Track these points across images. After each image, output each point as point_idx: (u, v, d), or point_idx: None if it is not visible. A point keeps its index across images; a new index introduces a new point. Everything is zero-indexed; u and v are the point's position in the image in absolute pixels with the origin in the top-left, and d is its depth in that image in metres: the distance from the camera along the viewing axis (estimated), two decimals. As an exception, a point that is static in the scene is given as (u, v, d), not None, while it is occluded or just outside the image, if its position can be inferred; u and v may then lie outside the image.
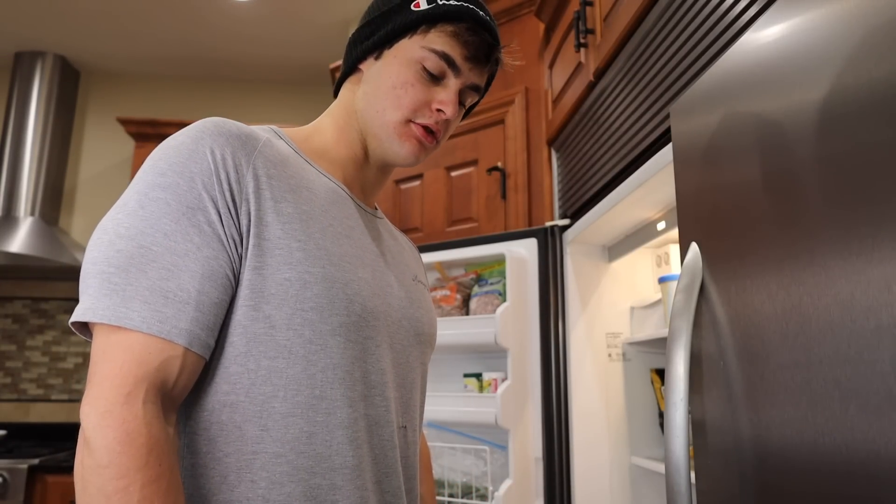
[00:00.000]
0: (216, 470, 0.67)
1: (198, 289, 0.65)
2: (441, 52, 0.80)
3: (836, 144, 0.53)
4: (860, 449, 0.49)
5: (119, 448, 0.58)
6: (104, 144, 3.58)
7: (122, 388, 0.60)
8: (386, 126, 0.82)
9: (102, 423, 0.59)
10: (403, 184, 2.34)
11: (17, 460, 2.57)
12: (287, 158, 0.77)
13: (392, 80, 0.81)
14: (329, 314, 0.71)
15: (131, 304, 0.62)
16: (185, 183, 0.67)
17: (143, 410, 0.60)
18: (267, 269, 0.69)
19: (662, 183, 1.26)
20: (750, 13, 0.91)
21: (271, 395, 0.68)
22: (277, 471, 0.67)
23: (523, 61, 2.10)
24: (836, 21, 0.54)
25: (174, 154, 0.68)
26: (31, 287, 3.37)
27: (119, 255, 0.64)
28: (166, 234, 0.65)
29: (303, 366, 0.69)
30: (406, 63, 0.81)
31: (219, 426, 0.68)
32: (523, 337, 1.79)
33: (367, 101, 0.83)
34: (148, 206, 0.66)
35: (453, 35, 0.81)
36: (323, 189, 0.79)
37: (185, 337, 0.63)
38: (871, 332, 0.48)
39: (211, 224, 0.67)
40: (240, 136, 0.72)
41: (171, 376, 0.63)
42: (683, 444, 0.68)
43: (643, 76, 1.29)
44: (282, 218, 0.71)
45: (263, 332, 0.68)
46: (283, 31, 3.24)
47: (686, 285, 0.74)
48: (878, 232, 0.48)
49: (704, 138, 0.77)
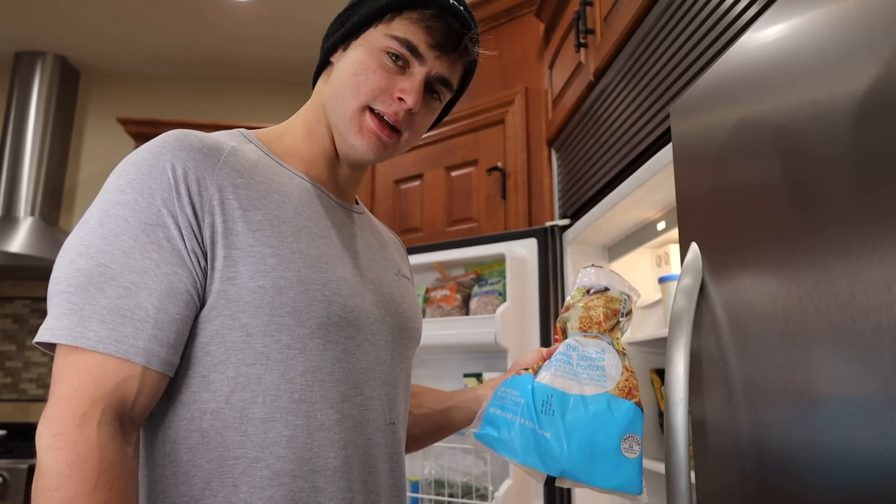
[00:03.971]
0: (199, 476, 0.67)
1: (156, 306, 0.64)
2: (403, 39, 0.76)
3: (836, 144, 0.53)
4: (860, 449, 0.49)
5: (69, 471, 0.58)
6: (104, 144, 3.58)
7: (78, 410, 0.60)
8: (343, 115, 0.78)
9: (54, 446, 0.58)
10: (403, 184, 2.34)
11: (17, 460, 2.57)
12: (255, 164, 0.75)
13: (353, 67, 0.78)
14: (307, 317, 0.71)
15: (88, 323, 0.62)
16: (143, 199, 0.66)
17: (97, 433, 0.60)
18: (240, 279, 0.68)
19: (662, 183, 1.26)
20: (750, 13, 0.91)
21: (250, 401, 0.68)
22: (258, 475, 0.67)
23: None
24: (836, 21, 0.54)
25: (134, 170, 0.68)
26: (31, 287, 3.37)
27: (78, 274, 0.63)
28: (125, 251, 0.64)
29: (280, 371, 0.69)
30: (369, 51, 0.78)
31: (200, 433, 0.67)
32: (523, 337, 1.79)
33: (331, 91, 0.80)
34: (107, 223, 0.65)
35: (417, 21, 0.77)
36: (296, 190, 0.78)
37: (143, 356, 0.63)
38: (871, 332, 0.48)
39: (170, 240, 0.66)
40: (202, 149, 0.71)
41: (130, 396, 0.63)
42: (683, 444, 0.68)
43: (643, 76, 1.29)
44: (252, 226, 0.70)
45: (241, 341, 0.68)
46: (282, 31, 3.24)
47: (686, 285, 0.74)
48: (878, 232, 0.48)
49: (704, 138, 0.77)
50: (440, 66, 0.79)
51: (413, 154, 2.31)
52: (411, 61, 0.78)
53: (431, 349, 1.99)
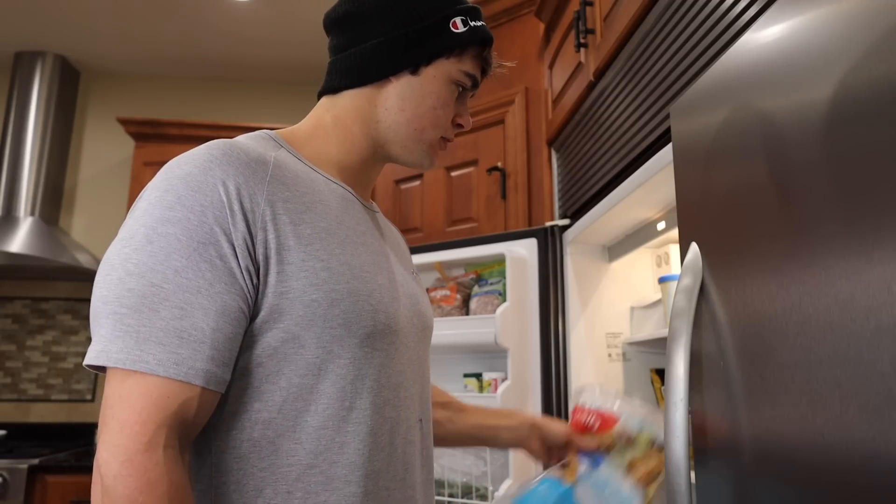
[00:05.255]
0: (250, 485, 0.68)
1: (212, 326, 0.64)
2: (473, 76, 0.85)
3: (836, 144, 0.53)
4: (860, 449, 0.49)
5: (141, 498, 0.59)
6: (104, 144, 3.58)
7: (143, 436, 0.60)
8: (423, 142, 0.85)
9: (123, 472, 0.59)
10: (403, 184, 2.34)
11: (17, 460, 2.56)
12: (298, 175, 0.76)
13: (433, 100, 0.83)
14: (356, 327, 0.72)
15: (146, 346, 0.61)
16: (195, 217, 0.65)
17: (164, 457, 0.60)
18: (293, 293, 0.69)
19: (662, 183, 1.26)
20: (750, 13, 0.90)
21: (303, 410, 0.69)
22: (313, 481, 0.69)
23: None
24: (836, 21, 0.54)
25: (182, 186, 0.66)
26: (31, 287, 3.37)
27: (130, 295, 0.62)
28: (177, 270, 0.64)
29: (332, 380, 0.70)
30: (445, 84, 0.84)
31: (251, 443, 0.68)
32: (523, 337, 1.79)
33: (401, 115, 0.83)
34: (157, 241, 0.64)
35: (479, 58, 0.86)
36: (334, 198, 0.78)
37: (202, 377, 0.63)
38: (871, 332, 0.48)
39: (223, 258, 0.66)
40: (249, 164, 0.70)
41: (189, 416, 0.64)
42: (683, 444, 0.68)
43: (643, 76, 1.29)
44: (302, 241, 0.71)
45: (293, 352, 0.69)
46: (283, 31, 3.24)
47: (686, 285, 0.74)
48: (878, 232, 0.48)
49: (704, 138, 0.77)
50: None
51: (413, 154, 2.31)
52: (469, 90, 0.88)
53: (431, 349, 1.98)
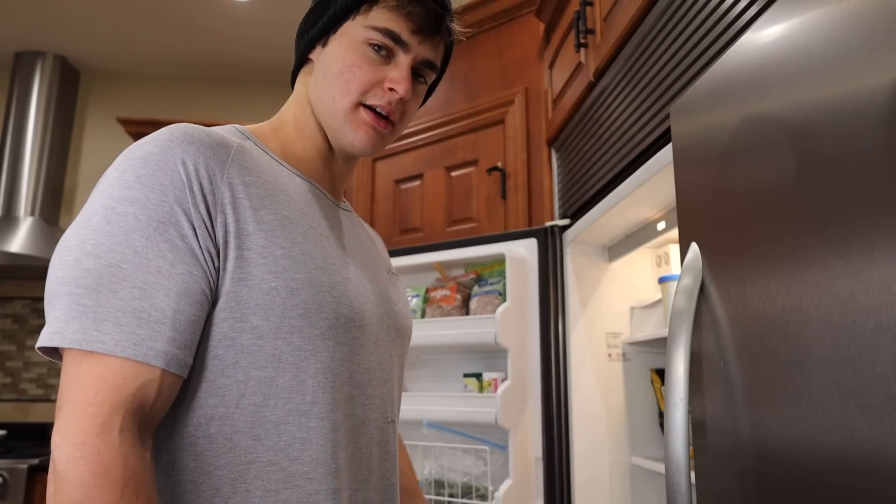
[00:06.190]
0: (207, 484, 0.65)
1: (173, 307, 0.62)
2: (385, 29, 0.76)
3: (836, 144, 0.53)
4: (860, 449, 0.49)
5: (94, 482, 0.55)
6: (104, 144, 3.58)
7: (97, 418, 0.57)
8: (337, 114, 0.78)
9: (76, 456, 0.56)
10: (403, 184, 2.34)
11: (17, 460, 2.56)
12: (261, 164, 0.74)
13: (339, 65, 0.77)
14: (317, 319, 0.70)
15: (103, 326, 0.59)
16: (154, 196, 0.63)
17: (119, 440, 0.57)
18: (252, 280, 0.67)
19: (662, 183, 1.26)
20: (750, 13, 0.90)
21: (262, 405, 0.67)
22: (272, 479, 0.66)
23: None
24: (836, 21, 0.54)
25: (141, 165, 0.64)
26: (31, 287, 3.37)
27: (87, 275, 0.60)
28: (136, 251, 0.61)
29: (292, 373, 0.68)
30: (351, 45, 0.77)
31: (207, 440, 0.65)
32: (523, 337, 1.79)
33: (319, 91, 0.79)
34: (115, 221, 0.62)
35: (396, 9, 0.76)
36: (297, 190, 0.77)
37: (162, 359, 0.61)
38: (871, 332, 0.48)
39: (184, 238, 0.63)
40: (211, 145, 0.68)
41: (149, 400, 0.61)
42: (683, 444, 0.68)
43: (643, 76, 1.29)
44: (263, 226, 0.68)
45: (251, 343, 0.67)
46: (281, 32, 3.24)
47: (686, 285, 0.74)
48: (878, 232, 0.48)
49: (704, 138, 0.77)
50: (424, 51, 0.79)
51: (413, 154, 2.31)
52: (395, 50, 0.78)
53: (431, 349, 1.99)
